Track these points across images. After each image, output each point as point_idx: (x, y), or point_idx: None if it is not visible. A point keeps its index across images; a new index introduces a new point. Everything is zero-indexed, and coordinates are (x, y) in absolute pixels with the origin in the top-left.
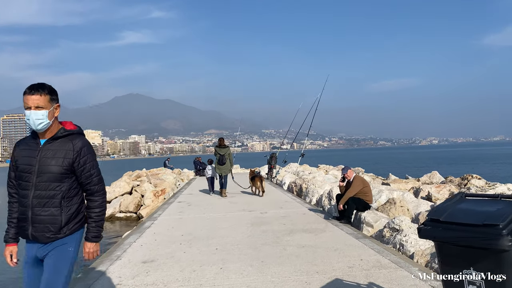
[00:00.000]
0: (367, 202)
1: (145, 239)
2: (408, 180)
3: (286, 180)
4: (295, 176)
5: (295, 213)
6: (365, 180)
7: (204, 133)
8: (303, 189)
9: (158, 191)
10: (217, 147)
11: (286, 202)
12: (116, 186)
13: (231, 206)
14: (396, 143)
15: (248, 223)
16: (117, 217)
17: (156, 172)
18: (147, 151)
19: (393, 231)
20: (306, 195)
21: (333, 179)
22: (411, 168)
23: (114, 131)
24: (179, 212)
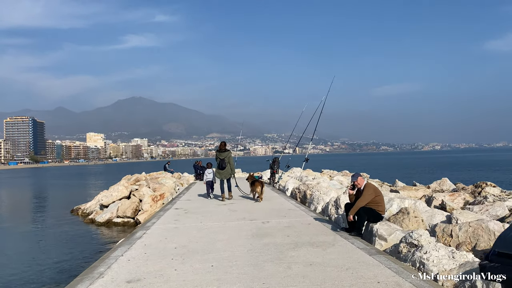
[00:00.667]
0: (379, 213)
1: (134, 252)
2: (418, 187)
3: (289, 185)
4: (299, 181)
5: (300, 223)
6: (377, 189)
7: (206, 137)
8: (308, 195)
9: (157, 196)
10: (217, 151)
11: (290, 210)
12: (114, 190)
13: (231, 214)
14: (398, 148)
15: (248, 234)
16: (114, 222)
17: (155, 176)
18: (150, 155)
19: (410, 247)
20: (311, 202)
21: (338, 185)
22: (416, 174)
23: (117, 134)
24: (175, 220)
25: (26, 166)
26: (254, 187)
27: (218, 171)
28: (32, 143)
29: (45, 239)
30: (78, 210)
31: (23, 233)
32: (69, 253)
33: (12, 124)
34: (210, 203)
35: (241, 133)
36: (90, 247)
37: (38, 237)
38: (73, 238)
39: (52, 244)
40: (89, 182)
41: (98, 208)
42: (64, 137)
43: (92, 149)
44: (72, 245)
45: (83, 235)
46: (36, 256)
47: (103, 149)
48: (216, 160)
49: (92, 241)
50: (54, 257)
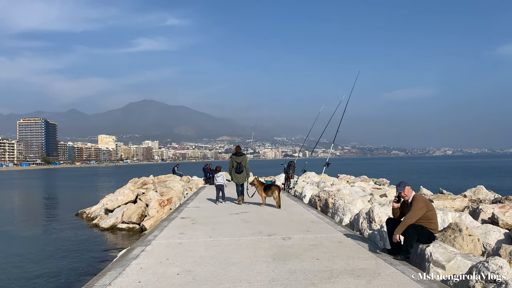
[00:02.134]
0: (431, 232)
1: (125, 281)
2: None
3: (306, 192)
4: (317, 188)
5: (329, 240)
6: (428, 201)
7: (216, 140)
8: (330, 205)
9: (164, 201)
10: (233, 155)
11: (313, 223)
12: (120, 194)
13: (244, 226)
14: (409, 153)
15: (268, 255)
16: (119, 228)
17: (164, 179)
18: (160, 157)
19: (488, 283)
20: (335, 213)
21: (361, 192)
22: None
23: (128, 137)
24: (180, 233)
25: (38, 167)
26: (270, 192)
27: (235, 175)
28: (45, 145)
29: (44, 246)
30: (83, 213)
31: (23, 238)
32: (67, 264)
33: (25, 125)
34: (220, 211)
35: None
36: (91, 255)
37: (38, 243)
38: (74, 244)
39: (51, 252)
40: (97, 184)
41: (103, 213)
42: (76, 139)
43: (103, 151)
44: (72, 254)
45: (85, 241)
46: (31, 266)
47: (115, 151)
48: (232, 164)
49: (93, 249)
50: (49, 268)
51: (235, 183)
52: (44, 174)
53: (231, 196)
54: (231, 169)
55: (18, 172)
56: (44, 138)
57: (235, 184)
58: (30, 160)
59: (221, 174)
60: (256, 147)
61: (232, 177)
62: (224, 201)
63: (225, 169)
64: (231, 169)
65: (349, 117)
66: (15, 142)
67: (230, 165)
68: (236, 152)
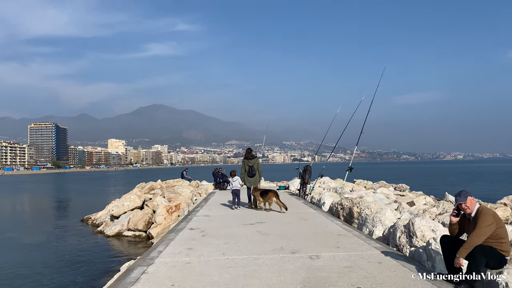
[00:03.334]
0: (502, 254)
1: None
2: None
3: (325, 199)
4: (337, 195)
5: (365, 260)
6: (498, 216)
7: (225, 144)
8: (355, 214)
9: (172, 207)
10: (245, 158)
11: (340, 236)
12: (126, 199)
13: (262, 240)
14: (419, 157)
15: (295, 281)
16: (125, 235)
17: (172, 184)
18: (169, 161)
19: None
20: (363, 224)
21: (385, 199)
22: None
23: (138, 141)
24: (188, 248)
25: (48, 171)
26: (267, 197)
27: (247, 179)
28: (55, 149)
29: (44, 255)
30: (88, 219)
31: (23, 245)
32: (65, 276)
33: (36, 130)
34: (233, 221)
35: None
36: (92, 266)
37: (38, 252)
38: (76, 254)
39: (50, 262)
40: (106, 189)
41: (108, 219)
42: (87, 143)
43: (113, 155)
44: (72, 265)
45: (88, 250)
46: (25, 276)
47: (124, 155)
48: (244, 167)
49: (96, 259)
50: (44, 281)
51: (247, 187)
52: (54, 178)
53: (243, 200)
54: (243, 173)
55: (28, 176)
56: (55, 142)
57: (246, 188)
58: (40, 164)
59: (237, 178)
60: (265, 151)
61: (245, 181)
62: (239, 207)
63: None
64: (244, 173)
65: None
66: (26, 146)
67: (242, 169)
68: (247, 155)
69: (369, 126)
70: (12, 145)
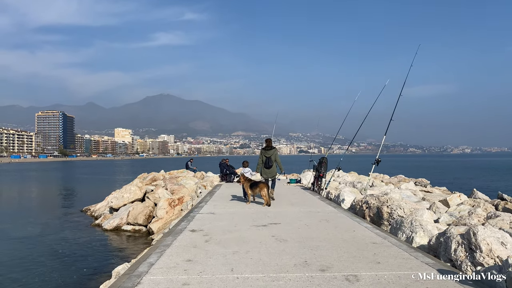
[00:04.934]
0: None
1: None
2: None
3: (345, 195)
4: (357, 190)
5: (423, 286)
6: None
7: (231, 135)
8: (384, 215)
9: (175, 200)
10: (263, 149)
11: (376, 246)
12: (126, 191)
13: (280, 249)
14: (426, 150)
15: None
16: (124, 230)
17: (176, 174)
18: (176, 151)
19: None
20: (398, 228)
21: (413, 196)
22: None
23: (145, 130)
24: (187, 260)
25: (55, 159)
26: (258, 189)
27: (264, 170)
28: (62, 137)
29: (34, 249)
30: (87, 210)
31: (16, 238)
32: (54, 274)
33: (43, 118)
34: (243, 220)
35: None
36: (84, 264)
37: (30, 245)
38: (69, 249)
39: (41, 257)
40: (110, 177)
41: (107, 211)
42: (94, 132)
43: (119, 144)
44: (63, 262)
45: (83, 245)
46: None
47: (131, 144)
48: (261, 158)
49: (89, 257)
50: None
51: (264, 179)
52: (60, 166)
53: None
54: (260, 164)
55: (35, 163)
56: (62, 131)
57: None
58: (47, 152)
59: (248, 170)
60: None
61: (261, 172)
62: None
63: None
64: (260, 164)
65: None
66: (34, 134)
67: (259, 160)
68: (267, 145)
69: (376, 118)
70: (19, 133)
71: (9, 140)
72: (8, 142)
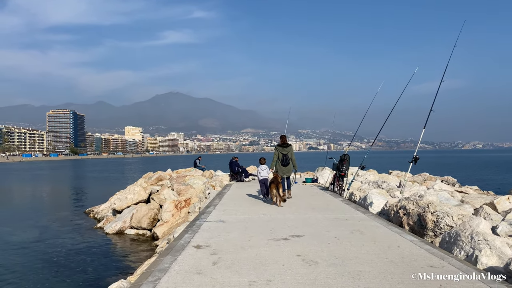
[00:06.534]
0: None
1: None
2: None
3: (373, 198)
4: (384, 191)
5: None
6: None
7: (240, 132)
8: (428, 223)
9: (181, 202)
10: (279, 145)
11: (435, 270)
12: (130, 191)
13: (310, 276)
14: (437, 146)
15: None
16: (127, 234)
17: (183, 174)
18: (185, 149)
19: None
20: (453, 242)
21: (452, 199)
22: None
23: (154, 128)
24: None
25: (66, 157)
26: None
27: (280, 168)
28: (73, 136)
29: (31, 255)
30: (91, 212)
31: (12, 243)
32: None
33: (54, 116)
34: (259, 231)
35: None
36: (80, 275)
37: (25, 250)
38: (67, 256)
39: (36, 263)
40: (119, 176)
41: (110, 213)
42: (104, 130)
43: (130, 142)
44: (59, 269)
45: (82, 251)
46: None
47: (141, 142)
48: (276, 155)
49: (88, 266)
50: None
51: (280, 176)
52: (70, 164)
53: None
54: (275, 161)
55: (46, 162)
56: (72, 129)
57: None
58: (58, 150)
59: (265, 167)
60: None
61: (277, 170)
62: (269, 197)
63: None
64: (276, 161)
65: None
66: (45, 133)
67: (274, 157)
68: (282, 142)
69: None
70: (31, 132)
71: (20, 139)
72: (20, 141)
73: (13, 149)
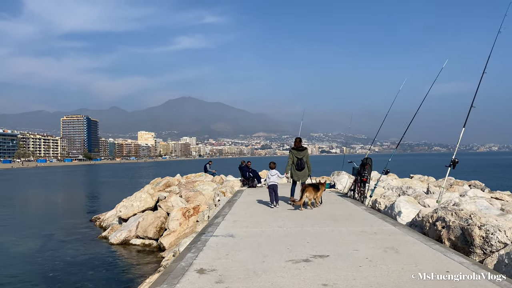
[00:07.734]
0: None
1: None
2: None
3: (401, 207)
4: (413, 199)
5: None
6: None
7: (252, 136)
8: (476, 239)
9: (189, 210)
10: (293, 149)
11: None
12: (136, 198)
13: None
14: (451, 149)
15: None
16: (132, 244)
17: (193, 179)
18: (198, 153)
19: None
20: (505, 264)
21: (492, 208)
22: None
23: (167, 133)
24: None
25: (79, 163)
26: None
27: (295, 172)
28: (86, 141)
29: (30, 267)
30: (97, 220)
31: (12, 254)
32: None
33: (68, 122)
34: (273, 248)
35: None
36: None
37: (24, 261)
38: (68, 268)
39: (34, 276)
40: (131, 181)
41: (116, 222)
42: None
43: (143, 147)
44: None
45: (85, 263)
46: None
47: (154, 147)
48: (291, 159)
49: (89, 280)
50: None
51: (294, 181)
52: (84, 169)
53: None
54: (290, 165)
55: (60, 167)
56: (86, 135)
57: (292, 182)
58: (72, 156)
59: (276, 172)
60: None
61: (292, 174)
62: (277, 205)
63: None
64: (291, 166)
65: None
66: (59, 138)
67: (290, 161)
68: (297, 146)
69: (398, 116)
70: (45, 138)
71: (35, 145)
72: (35, 146)
73: (28, 154)
